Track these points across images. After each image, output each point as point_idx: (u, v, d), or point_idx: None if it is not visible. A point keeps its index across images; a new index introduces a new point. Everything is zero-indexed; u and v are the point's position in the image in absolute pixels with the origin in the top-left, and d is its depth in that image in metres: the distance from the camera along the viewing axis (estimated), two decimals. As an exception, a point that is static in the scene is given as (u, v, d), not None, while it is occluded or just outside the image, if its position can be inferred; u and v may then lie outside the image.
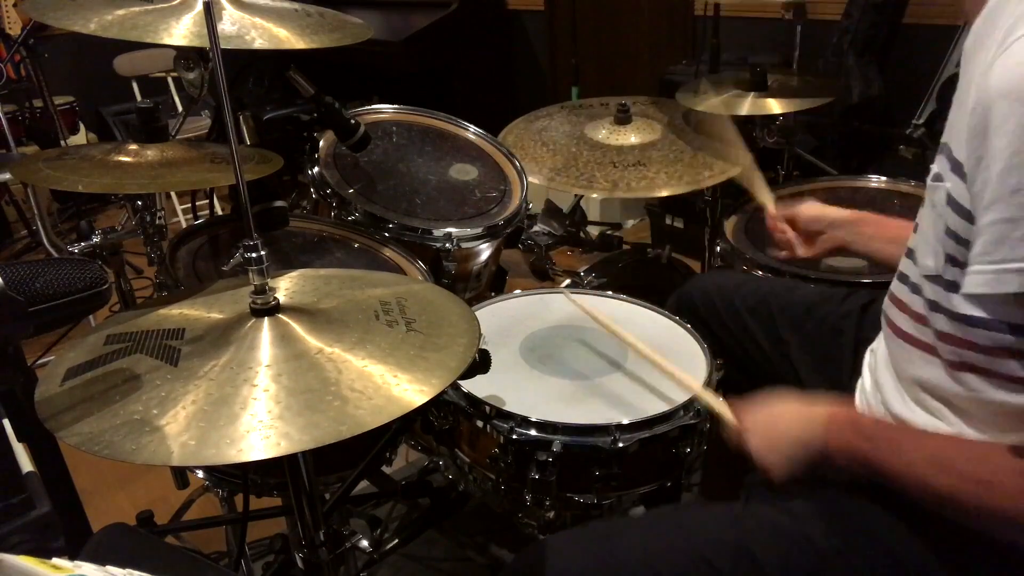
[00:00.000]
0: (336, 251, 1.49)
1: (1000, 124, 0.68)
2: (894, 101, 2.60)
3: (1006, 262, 0.69)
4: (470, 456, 1.18)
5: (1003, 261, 0.69)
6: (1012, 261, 0.69)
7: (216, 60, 0.77)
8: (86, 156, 1.26)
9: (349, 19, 1.33)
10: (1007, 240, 0.69)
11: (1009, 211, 0.68)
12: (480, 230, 1.56)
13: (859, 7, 2.55)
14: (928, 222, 0.82)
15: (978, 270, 0.72)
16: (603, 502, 1.11)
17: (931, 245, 0.81)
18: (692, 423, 1.11)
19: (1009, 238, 0.68)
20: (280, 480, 1.24)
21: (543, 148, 1.84)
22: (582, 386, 1.20)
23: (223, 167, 1.23)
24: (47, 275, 0.82)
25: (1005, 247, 0.69)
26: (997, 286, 0.70)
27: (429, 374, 0.77)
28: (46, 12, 1.09)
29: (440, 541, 1.69)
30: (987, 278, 0.71)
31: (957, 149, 0.75)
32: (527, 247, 1.93)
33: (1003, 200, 0.68)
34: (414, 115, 1.84)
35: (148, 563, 0.86)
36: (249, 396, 0.72)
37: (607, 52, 3.80)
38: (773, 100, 1.78)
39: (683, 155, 1.77)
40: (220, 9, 1.15)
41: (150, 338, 0.83)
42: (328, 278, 0.99)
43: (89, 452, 0.66)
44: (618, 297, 1.45)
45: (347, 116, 1.49)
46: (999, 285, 0.70)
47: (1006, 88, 0.67)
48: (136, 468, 2.11)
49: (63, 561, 0.51)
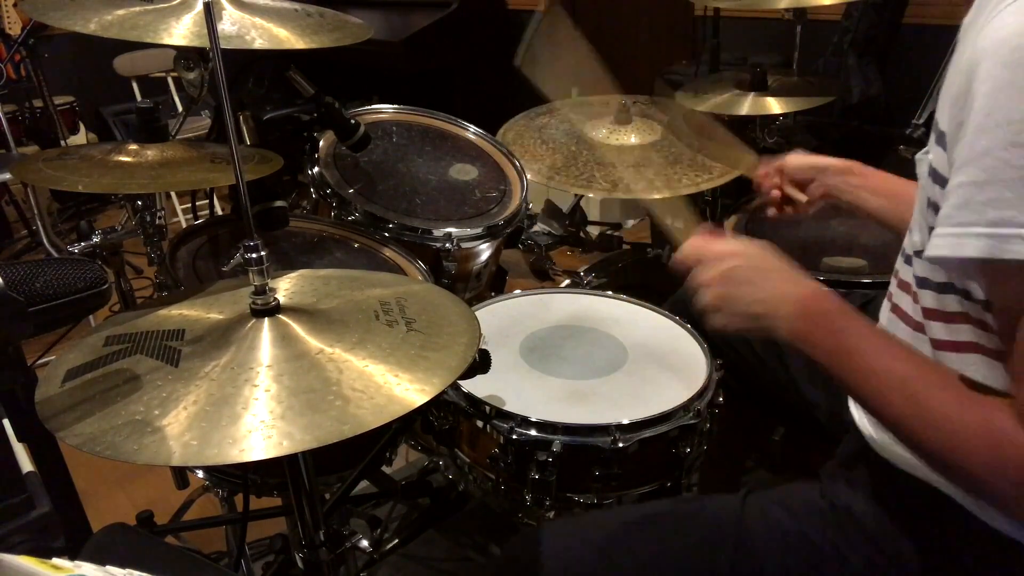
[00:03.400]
0: (336, 251, 1.49)
1: (979, 86, 0.66)
2: (894, 101, 2.61)
3: (967, 225, 0.66)
4: (470, 456, 1.18)
5: (965, 224, 0.67)
6: (973, 225, 0.66)
7: (216, 60, 0.77)
8: (86, 156, 1.26)
9: (349, 19, 1.33)
10: (971, 203, 0.66)
11: (976, 174, 0.66)
12: (480, 230, 1.56)
13: (859, 7, 2.55)
14: (917, 197, 0.81)
15: (939, 232, 0.69)
16: (603, 502, 1.11)
17: (917, 220, 0.80)
18: (692, 423, 1.11)
19: (973, 201, 0.66)
20: (280, 480, 1.24)
21: (543, 147, 1.84)
22: (582, 386, 1.20)
23: (223, 167, 1.23)
24: (47, 275, 0.83)
25: (967, 210, 0.66)
26: (956, 249, 0.67)
27: (430, 374, 0.77)
28: (46, 12, 1.09)
29: (440, 541, 1.69)
30: (947, 241, 0.68)
31: (941, 119, 0.74)
32: (527, 247, 1.92)
33: (972, 162, 0.66)
34: (414, 115, 1.84)
35: (148, 563, 0.87)
36: (250, 396, 0.72)
37: (607, 52, 3.80)
38: (773, 100, 1.78)
39: (683, 156, 1.77)
40: (220, 9, 1.15)
41: (150, 339, 0.83)
42: (328, 278, 0.99)
43: (91, 452, 0.66)
44: (618, 297, 1.45)
45: (347, 116, 1.49)
46: (958, 248, 0.67)
47: (989, 49, 0.66)
48: (136, 468, 2.11)
49: (63, 561, 0.51)
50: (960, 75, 0.69)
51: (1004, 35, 0.65)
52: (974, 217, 0.66)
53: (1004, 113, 0.64)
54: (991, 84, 0.65)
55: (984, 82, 0.65)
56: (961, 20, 0.79)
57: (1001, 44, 0.65)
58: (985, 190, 0.65)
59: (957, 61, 0.73)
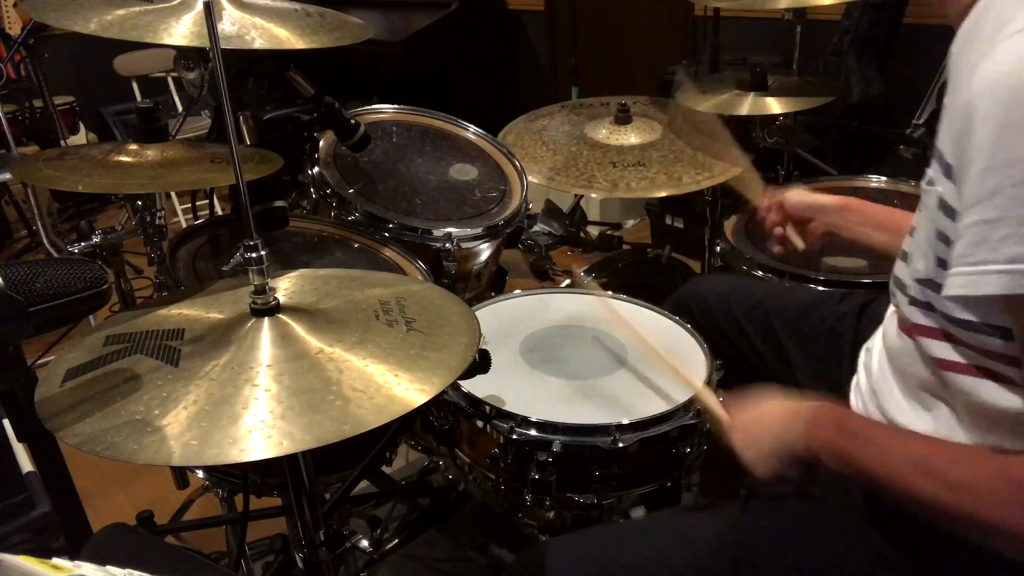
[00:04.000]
0: (336, 251, 1.49)
1: (980, 125, 0.67)
2: (894, 101, 2.61)
3: (985, 264, 0.68)
4: (470, 456, 1.18)
5: (982, 263, 0.68)
6: (990, 263, 0.68)
7: (216, 60, 0.77)
8: (86, 156, 1.26)
9: (349, 19, 1.33)
10: (986, 242, 0.68)
11: (988, 213, 0.67)
12: (480, 230, 1.56)
13: (859, 7, 2.55)
14: (922, 226, 0.82)
15: (957, 271, 0.71)
16: (603, 502, 1.11)
17: (923, 249, 0.81)
18: (692, 423, 1.11)
19: (988, 240, 0.68)
20: (280, 480, 1.24)
21: (543, 147, 1.84)
22: (582, 386, 1.20)
23: (223, 167, 1.23)
24: (47, 275, 0.82)
25: (984, 249, 0.68)
26: (976, 288, 0.69)
27: (430, 374, 0.77)
28: (46, 12, 1.09)
29: (440, 541, 1.69)
30: (966, 280, 0.70)
31: (947, 152, 0.75)
32: (527, 247, 1.92)
33: (982, 202, 0.68)
34: (414, 115, 1.84)
35: (148, 563, 0.86)
36: (251, 396, 0.72)
37: (607, 52, 3.80)
38: (773, 100, 1.78)
39: (683, 155, 1.77)
40: (220, 9, 1.15)
41: (150, 339, 0.83)
42: (328, 278, 0.99)
43: (91, 452, 0.66)
44: (618, 297, 1.45)
45: (347, 116, 1.49)
46: (978, 287, 0.69)
47: (988, 89, 0.67)
48: (136, 468, 2.11)
49: (63, 561, 0.51)
50: (959, 114, 0.71)
51: (1002, 72, 0.66)
52: (991, 255, 0.68)
53: (1010, 152, 0.65)
54: (994, 124, 0.66)
55: (986, 120, 0.67)
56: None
57: (999, 84, 0.66)
58: (999, 228, 0.67)
59: (954, 95, 0.75)
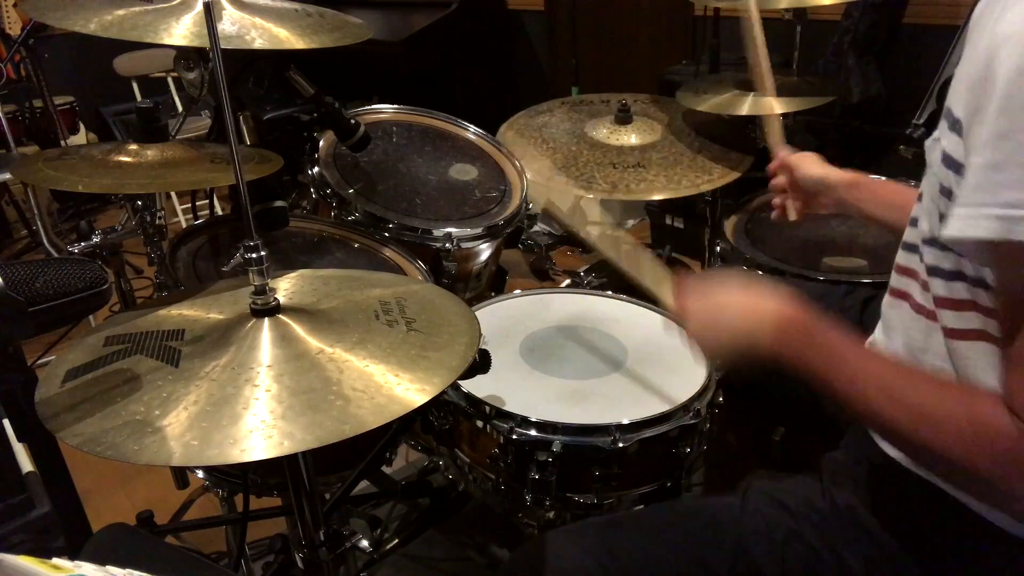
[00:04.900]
0: (336, 251, 1.49)
1: (999, 68, 0.66)
2: (894, 101, 2.61)
3: (982, 206, 0.66)
4: (470, 456, 1.18)
5: (980, 205, 0.66)
6: (989, 206, 0.66)
7: (216, 60, 0.77)
8: (86, 156, 1.26)
9: (349, 19, 1.33)
10: (987, 184, 0.66)
11: (994, 155, 0.66)
12: (480, 230, 1.56)
13: (859, 7, 2.55)
14: (926, 186, 0.81)
15: (954, 212, 0.69)
16: (603, 502, 1.11)
17: (926, 207, 0.80)
18: (692, 423, 1.11)
19: (989, 182, 0.66)
20: (280, 480, 1.24)
21: (543, 145, 1.84)
22: (582, 386, 1.20)
23: (223, 167, 1.22)
24: (47, 275, 0.83)
25: (983, 191, 0.66)
26: (968, 230, 0.67)
27: (430, 374, 0.77)
28: (46, 12, 1.09)
29: (440, 541, 1.69)
30: (960, 221, 0.68)
31: (956, 107, 0.74)
32: (527, 247, 1.92)
33: (990, 144, 0.66)
34: (414, 115, 1.84)
35: (148, 563, 0.87)
36: (251, 396, 0.72)
37: (607, 52, 3.80)
38: (773, 100, 1.77)
39: (683, 157, 1.77)
40: (220, 9, 1.15)
41: (150, 339, 0.83)
42: (328, 278, 0.99)
43: (91, 453, 0.66)
44: (618, 297, 1.45)
45: (347, 116, 1.49)
46: (971, 229, 0.67)
47: (1010, 32, 0.66)
48: (136, 468, 2.11)
49: (63, 561, 0.51)
50: (978, 61, 0.69)
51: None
52: (988, 198, 0.66)
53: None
54: (1012, 64, 0.65)
55: (1005, 62, 0.65)
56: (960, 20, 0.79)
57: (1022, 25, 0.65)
58: (1002, 171, 0.65)
59: (974, 48, 0.73)
